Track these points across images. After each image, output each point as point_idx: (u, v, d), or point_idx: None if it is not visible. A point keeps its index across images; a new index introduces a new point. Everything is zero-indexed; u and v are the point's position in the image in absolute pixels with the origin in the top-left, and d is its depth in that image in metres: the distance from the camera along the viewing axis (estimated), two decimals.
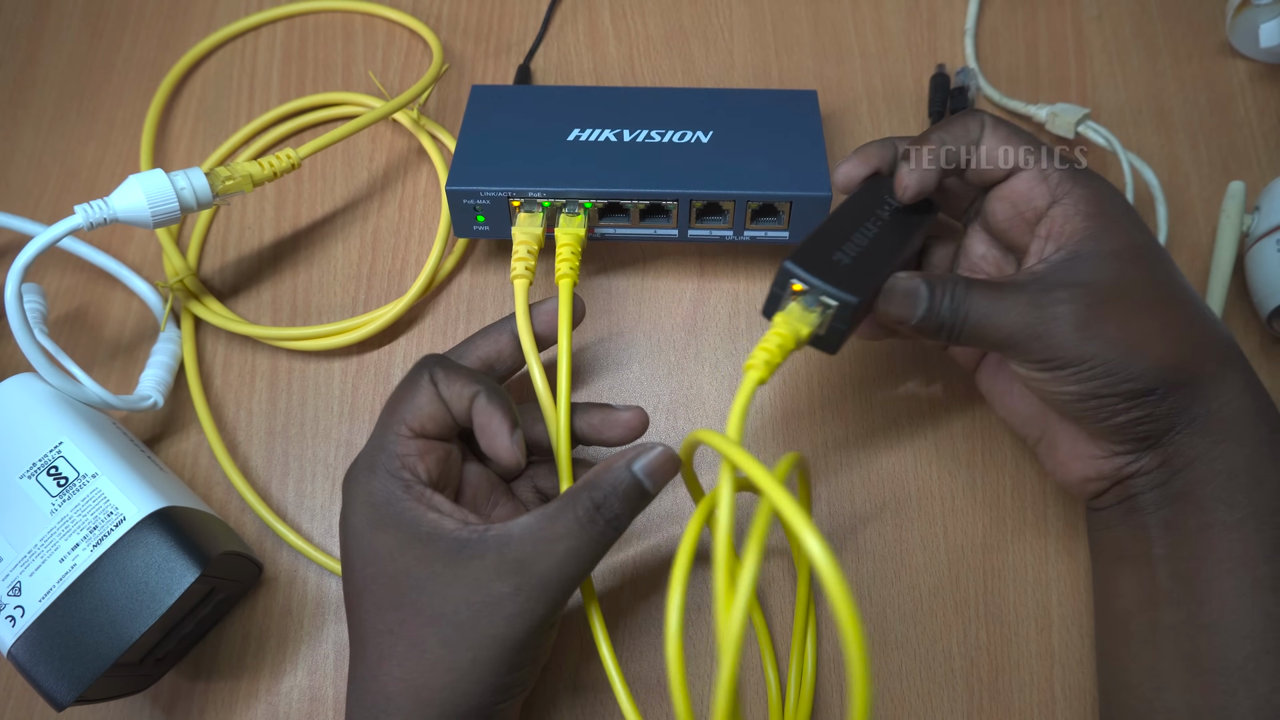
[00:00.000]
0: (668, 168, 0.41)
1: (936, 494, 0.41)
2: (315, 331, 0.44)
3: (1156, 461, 0.32)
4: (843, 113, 0.49)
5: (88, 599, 0.34)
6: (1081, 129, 0.45)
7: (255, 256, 0.47)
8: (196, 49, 0.51)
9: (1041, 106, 0.47)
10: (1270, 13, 0.46)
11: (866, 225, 0.35)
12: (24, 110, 0.50)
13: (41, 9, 0.53)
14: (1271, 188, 0.43)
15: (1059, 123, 0.46)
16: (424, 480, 0.32)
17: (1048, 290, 0.31)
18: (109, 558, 0.34)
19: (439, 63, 0.48)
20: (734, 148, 0.42)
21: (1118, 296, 0.31)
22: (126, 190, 0.38)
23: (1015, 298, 0.31)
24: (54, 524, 0.35)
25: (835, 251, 0.33)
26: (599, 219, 0.42)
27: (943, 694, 0.38)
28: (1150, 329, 0.30)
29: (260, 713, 0.39)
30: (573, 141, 0.42)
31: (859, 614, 0.25)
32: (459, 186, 0.41)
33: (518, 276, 0.39)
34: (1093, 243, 0.31)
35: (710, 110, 0.44)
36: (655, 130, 0.43)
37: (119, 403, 0.40)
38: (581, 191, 0.41)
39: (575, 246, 0.40)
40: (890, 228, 0.35)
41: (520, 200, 0.41)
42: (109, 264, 0.45)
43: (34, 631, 0.33)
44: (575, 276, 0.39)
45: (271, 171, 0.42)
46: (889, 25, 0.51)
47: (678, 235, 0.43)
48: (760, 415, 0.43)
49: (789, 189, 0.41)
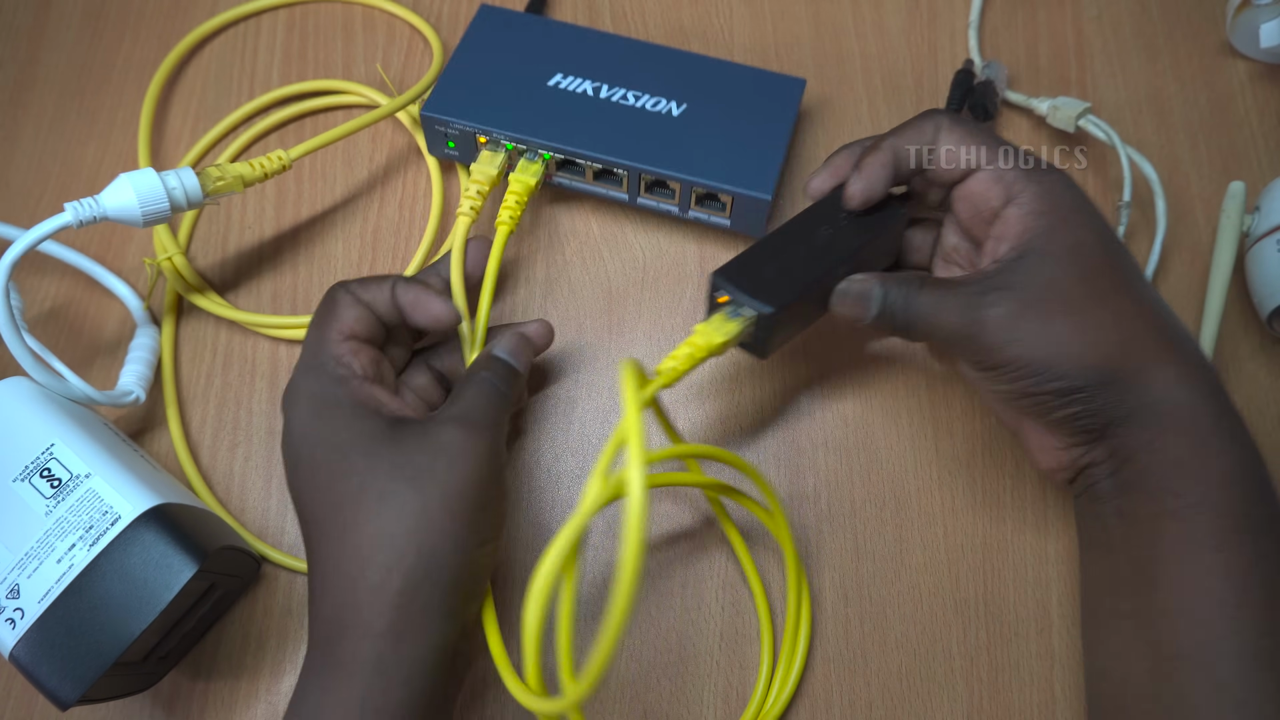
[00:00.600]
0: (628, 137, 0.43)
1: (936, 494, 0.41)
2: (304, 321, 0.44)
3: (1105, 453, 0.32)
4: (842, 112, 0.49)
5: (87, 598, 0.34)
6: (1082, 123, 0.45)
7: (254, 252, 0.47)
8: (193, 35, 0.51)
9: (1043, 100, 0.47)
10: (1270, 13, 0.46)
11: (818, 232, 0.36)
12: (24, 110, 0.50)
13: (41, 9, 0.53)
14: (1271, 188, 0.43)
15: (1060, 116, 0.46)
16: (360, 375, 0.34)
17: (984, 293, 0.32)
18: (106, 556, 0.34)
19: (439, 62, 0.48)
20: (699, 128, 0.43)
21: (1049, 297, 0.32)
22: (117, 189, 0.38)
23: (954, 300, 0.33)
24: (49, 525, 0.35)
25: (769, 262, 0.35)
26: (557, 170, 0.45)
27: (943, 694, 0.38)
28: (1077, 328, 0.31)
29: (260, 712, 0.39)
30: (551, 88, 0.44)
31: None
32: (433, 113, 0.44)
33: (462, 214, 0.42)
34: (1039, 241, 0.32)
35: (695, 79, 0.45)
36: (632, 92, 0.44)
37: (103, 398, 0.40)
38: (542, 143, 0.43)
39: (522, 196, 0.43)
40: (846, 233, 0.36)
41: (486, 138, 0.44)
42: (87, 265, 0.45)
43: (35, 633, 0.33)
44: (514, 225, 0.42)
45: (263, 172, 0.42)
46: (889, 25, 0.51)
47: (628, 200, 0.45)
48: (760, 413, 0.43)
49: (732, 184, 0.42)
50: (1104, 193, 0.47)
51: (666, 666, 0.39)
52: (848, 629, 0.39)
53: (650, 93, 0.44)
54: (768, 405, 0.43)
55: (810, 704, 0.38)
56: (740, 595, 0.40)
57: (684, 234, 0.46)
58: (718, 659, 0.39)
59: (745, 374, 0.44)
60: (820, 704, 0.38)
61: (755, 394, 0.43)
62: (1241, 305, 0.44)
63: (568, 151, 0.43)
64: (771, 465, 0.42)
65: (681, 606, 0.40)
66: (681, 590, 0.40)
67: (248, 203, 0.48)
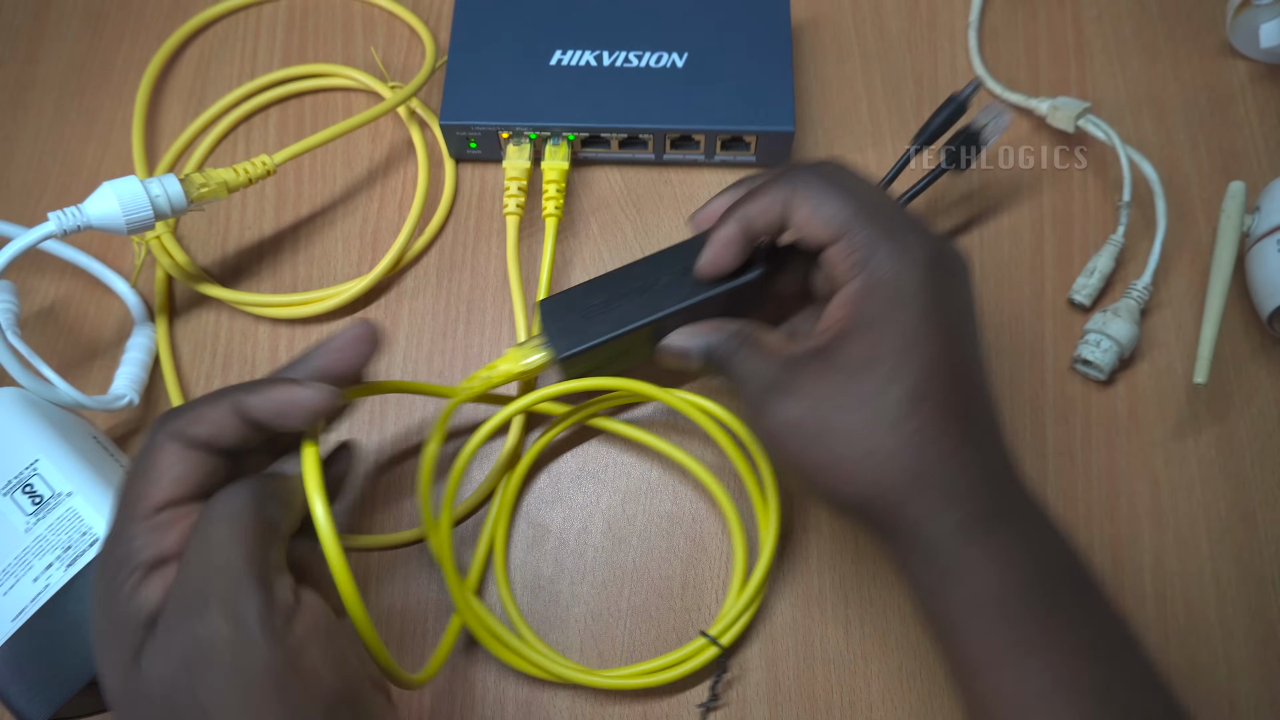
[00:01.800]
0: (644, 100, 0.44)
1: None
2: (299, 299, 0.44)
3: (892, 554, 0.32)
4: (843, 113, 0.49)
5: (61, 619, 0.33)
6: (1082, 123, 0.45)
7: (254, 250, 0.47)
8: (185, 27, 0.51)
9: (1043, 100, 0.47)
10: (1270, 13, 0.46)
11: (659, 278, 0.36)
12: (24, 110, 0.50)
13: (41, 9, 0.53)
14: (1271, 188, 0.43)
15: (1059, 116, 0.46)
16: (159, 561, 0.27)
17: (775, 385, 0.31)
18: (82, 578, 0.34)
19: (432, 59, 0.48)
20: (707, 74, 0.45)
21: (814, 418, 0.30)
22: (100, 197, 0.38)
23: (760, 379, 0.32)
24: (28, 543, 0.34)
25: (593, 301, 0.36)
26: (582, 147, 0.46)
27: (943, 694, 0.38)
28: (825, 462, 0.30)
29: None
30: (555, 67, 0.45)
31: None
32: (452, 121, 0.44)
33: (509, 213, 0.44)
34: (838, 342, 0.30)
35: (686, 21, 0.46)
36: (633, 52, 0.45)
37: (92, 403, 0.40)
38: (567, 126, 0.44)
39: (560, 183, 0.44)
40: (682, 285, 0.36)
41: (509, 133, 0.44)
42: (87, 262, 0.45)
43: (6, 651, 0.33)
44: (560, 214, 0.44)
45: (247, 178, 0.42)
46: (889, 25, 0.51)
47: (654, 159, 0.47)
48: None
49: (755, 124, 0.44)
50: (1104, 193, 0.47)
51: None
52: (848, 629, 0.39)
53: (650, 49, 0.45)
54: None
55: (810, 704, 0.38)
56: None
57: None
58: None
59: None
60: (820, 704, 0.38)
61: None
62: (1242, 305, 0.44)
63: (593, 128, 0.44)
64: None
65: (682, 607, 0.40)
66: (682, 590, 0.40)
67: (248, 196, 0.48)
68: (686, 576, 0.40)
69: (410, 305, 0.45)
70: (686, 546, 0.41)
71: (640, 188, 0.47)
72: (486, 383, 0.38)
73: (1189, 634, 0.39)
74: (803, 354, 0.31)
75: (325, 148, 0.48)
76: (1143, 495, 0.41)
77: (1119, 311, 0.42)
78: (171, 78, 0.51)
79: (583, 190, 0.47)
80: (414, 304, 0.45)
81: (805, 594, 0.40)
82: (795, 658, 0.39)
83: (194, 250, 0.47)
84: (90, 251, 0.46)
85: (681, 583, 0.40)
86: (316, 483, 0.28)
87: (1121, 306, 0.42)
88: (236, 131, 0.50)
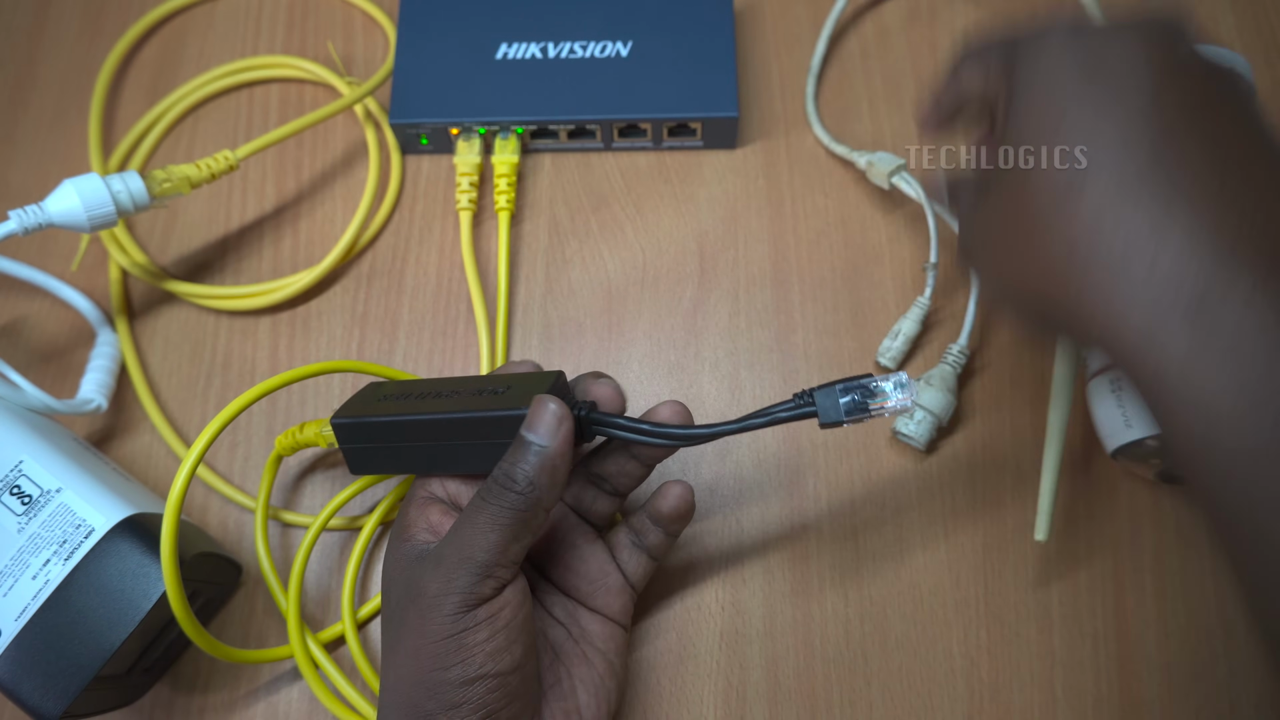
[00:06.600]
0: (591, 90, 0.45)
1: (936, 494, 0.41)
2: (243, 291, 0.44)
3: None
4: (843, 113, 0.49)
5: (64, 613, 0.34)
6: (895, 180, 0.43)
7: (219, 245, 0.47)
8: (144, 21, 0.51)
9: (863, 154, 0.45)
10: None
11: (466, 389, 0.33)
12: (24, 110, 0.50)
13: (41, 9, 0.53)
14: None
15: (875, 172, 0.44)
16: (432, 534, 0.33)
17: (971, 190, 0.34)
18: (81, 570, 0.34)
19: (392, 60, 0.48)
20: (651, 62, 0.45)
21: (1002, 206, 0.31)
22: (61, 194, 0.38)
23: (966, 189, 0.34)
24: (22, 542, 0.35)
25: (387, 405, 0.34)
26: (531, 139, 0.46)
27: (943, 694, 0.38)
28: (1018, 249, 0.30)
29: (260, 711, 0.39)
30: (501, 61, 0.46)
31: None
32: (402, 120, 0.45)
33: (462, 209, 0.45)
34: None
35: (628, 8, 0.46)
36: (578, 43, 0.46)
37: (62, 407, 0.40)
38: (515, 120, 0.45)
39: (511, 177, 0.45)
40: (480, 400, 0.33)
41: (459, 129, 0.45)
42: (38, 277, 0.45)
43: (13, 651, 0.33)
44: (511, 207, 0.45)
45: (209, 173, 0.42)
46: (889, 25, 0.51)
47: (603, 148, 0.47)
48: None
49: (700, 110, 0.44)
50: (919, 253, 0.45)
51: (666, 667, 0.39)
52: (848, 629, 0.39)
53: (594, 38, 0.46)
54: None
55: (810, 704, 0.38)
56: (740, 595, 0.40)
57: (684, 230, 0.46)
58: (718, 659, 0.39)
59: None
60: (820, 704, 0.38)
61: (755, 394, 0.43)
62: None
63: (541, 121, 0.45)
64: (772, 465, 0.42)
65: (681, 606, 0.40)
66: (682, 590, 0.40)
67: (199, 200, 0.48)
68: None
69: (364, 294, 0.46)
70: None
71: (636, 176, 0.47)
72: (293, 449, 0.39)
73: (1189, 634, 0.39)
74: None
75: (282, 143, 0.48)
76: (1141, 495, 0.41)
77: (932, 380, 0.40)
78: (126, 71, 0.51)
79: (583, 188, 0.47)
80: (368, 292, 0.46)
81: (805, 594, 0.40)
82: (795, 658, 0.39)
83: (153, 250, 0.47)
84: (39, 266, 0.45)
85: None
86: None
87: (935, 374, 0.41)
88: (192, 124, 0.49)
